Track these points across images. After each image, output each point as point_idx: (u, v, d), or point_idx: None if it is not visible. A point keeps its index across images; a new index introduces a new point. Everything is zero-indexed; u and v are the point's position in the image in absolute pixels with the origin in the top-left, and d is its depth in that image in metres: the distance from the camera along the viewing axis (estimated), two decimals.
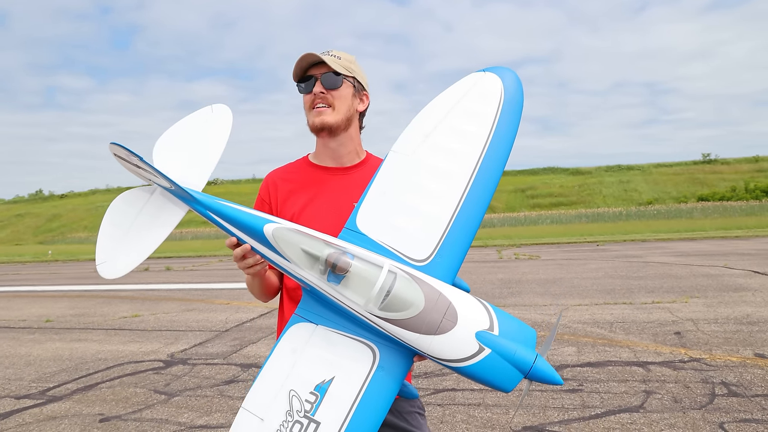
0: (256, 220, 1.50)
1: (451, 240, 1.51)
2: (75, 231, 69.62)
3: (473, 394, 4.59)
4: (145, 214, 1.62)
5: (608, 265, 13.53)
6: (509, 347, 1.37)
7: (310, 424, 1.34)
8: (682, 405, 4.11)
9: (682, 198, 62.20)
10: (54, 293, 13.41)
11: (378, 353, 1.42)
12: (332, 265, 1.41)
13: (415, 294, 1.38)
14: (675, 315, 7.17)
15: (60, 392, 5.26)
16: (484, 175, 1.57)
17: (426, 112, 1.65)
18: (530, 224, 50.60)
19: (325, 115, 1.77)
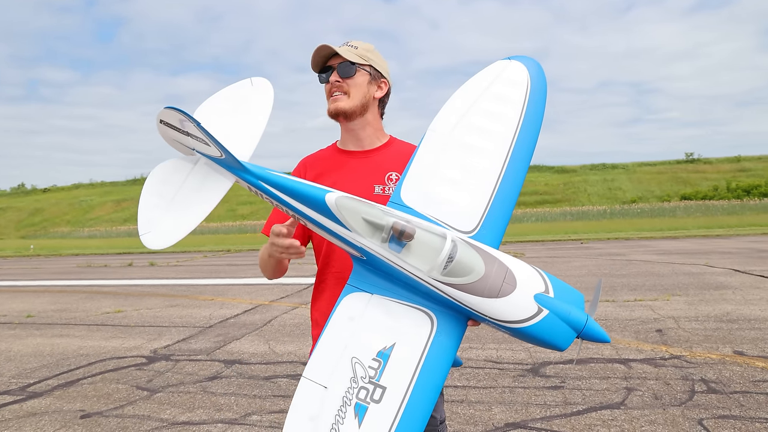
0: (316, 190, 1.54)
1: (494, 212, 1.58)
2: (57, 225, 68.79)
3: (456, 391, 4.62)
4: (189, 184, 1.62)
5: (592, 263, 13.66)
6: (564, 308, 1.43)
7: (376, 389, 1.36)
8: (662, 402, 4.17)
9: (665, 197, 62.87)
10: (35, 288, 13.24)
11: (435, 319, 1.46)
12: (399, 232, 1.45)
13: (475, 260, 1.43)
14: (657, 313, 7.26)
15: (41, 388, 5.20)
16: (518, 154, 1.65)
17: (459, 95, 1.74)
18: (515, 222, 50.84)
19: (340, 101, 1.86)
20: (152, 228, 1.59)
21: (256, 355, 6.07)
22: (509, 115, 1.69)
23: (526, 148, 1.67)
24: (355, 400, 1.35)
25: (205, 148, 1.57)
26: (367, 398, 1.35)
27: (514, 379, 4.86)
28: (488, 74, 1.76)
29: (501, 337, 6.24)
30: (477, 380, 4.87)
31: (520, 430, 3.79)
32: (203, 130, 1.48)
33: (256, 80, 1.78)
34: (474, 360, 5.46)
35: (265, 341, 6.67)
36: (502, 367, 5.18)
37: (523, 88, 1.72)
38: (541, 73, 1.76)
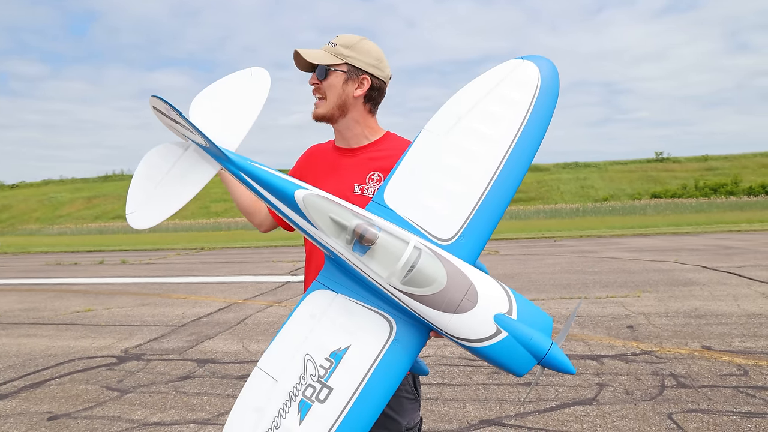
0: (288, 184, 1.53)
1: (476, 222, 1.53)
2: (26, 222, 67.19)
3: (431, 389, 4.63)
4: (177, 169, 1.63)
5: (565, 260, 13.84)
6: (526, 332, 1.38)
7: (323, 389, 1.36)
8: (633, 397, 4.24)
9: (636, 195, 64.03)
10: (2, 287, 12.88)
11: (395, 326, 1.44)
12: (359, 235, 1.42)
13: (438, 271, 1.39)
14: (628, 309, 7.39)
15: (6, 390, 5.07)
16: (514, 161, 1.58)
17: (461, 95, 1.67)
18: None
19: (318, 107, 1.89)
20: (137, 208, 1.61)
21: (230, 354, 6.00)
22: (511, 119, 1.61)
23: (525, 154, 1.60)
24: (300, 397, 1.36)
25: (192, 135, 1.58)
26: (312, 396, 1.36)
27: (489, 376, 4.89)
28: (496, 74, 1.68)
29: None
30: (451, 378, 4.89)
31: (494, 427, 3.82)
32: (185, 119, 1.49)
33: (255, 70, 1.78)
34: (449, 358, 5.49)
35: (238, 340, 6.60)
36: (477, 365, 5.20)
37: (531, 90, 1.63)
38: (554, 74, 1.67)
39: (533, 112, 1.62)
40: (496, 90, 1.66)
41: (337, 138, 2.00)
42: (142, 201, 1.62)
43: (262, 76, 1.77)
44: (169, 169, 1.64)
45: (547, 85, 1.64)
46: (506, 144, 1.59)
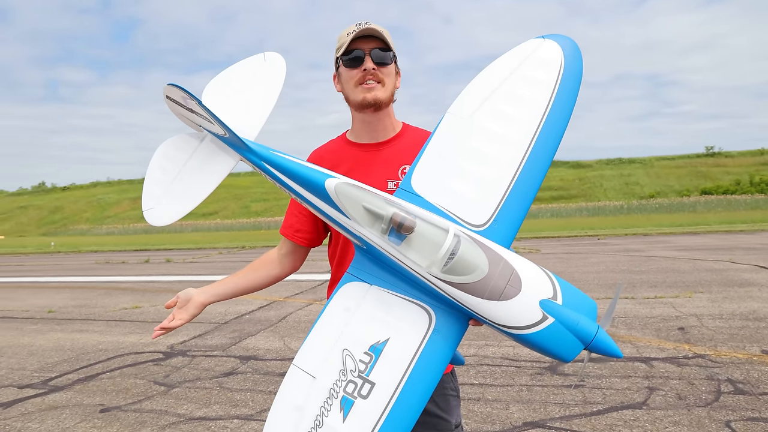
0: (317, 174, 1.47)
1: (509, 206, 1.48)
2: (77, 223, 69.78)
3: (473, 389, 4.56)
4: (194, 162, 1.57)
5: (609, 259, 13.49)
6: (572, 317, 1.34)
7: (365, 384, 1.31)
8: (686, 402, 4.08)
9: (684, 191, 62.00)
10: (56, 284, 13.40)
11: (434, 316, 1.39)
12: (398, 224, 1.37)
13: (479, 258, 1.35)
14: (678, 310, 7.13)
15: (61, 382, 5.25)
16: (543, 142, 1.53)
17: (484, 76, 1.62)
18: (530, 218, 50.41)
19: (377, 90, 1.73)
20: (155, 204, 1.55)
21: (272, 351, 6.07)
22: (536, 100, 1.56)
23: (553, 136, 1.54)
24: (342, 394, 1.31)
25: (210, 125, 1.53)
26: (354, 393, 1.31)
27: (532, 377, 4.79)
28: (518, 54, 1.63)
29: None
30: (494, 378, 4.81)
31: (538, 430, 3.73)
32: (204, 107, 1.44)
33: (269, 54, 1.71)
34: (491, 358, 5.40)
35: (279, 337, 6.67)
36: (520, 365, 5.11)
37: (555, 69, 1.58)
38: (577, 53, 1.61)
39: (559, 92, 1.56)
40: (519, 70, 1.60)
41: (362, 132, 1.85)
42: (160, 196, 1.56)
43: (276, 61, 1.70)
44: (186, 161, 1.58)
45: (570, 63, 1.59)
46: (534, 125, 1.54)
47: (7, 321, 8.63)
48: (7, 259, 23.73)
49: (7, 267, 19.55)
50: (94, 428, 4.12)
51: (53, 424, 4.21)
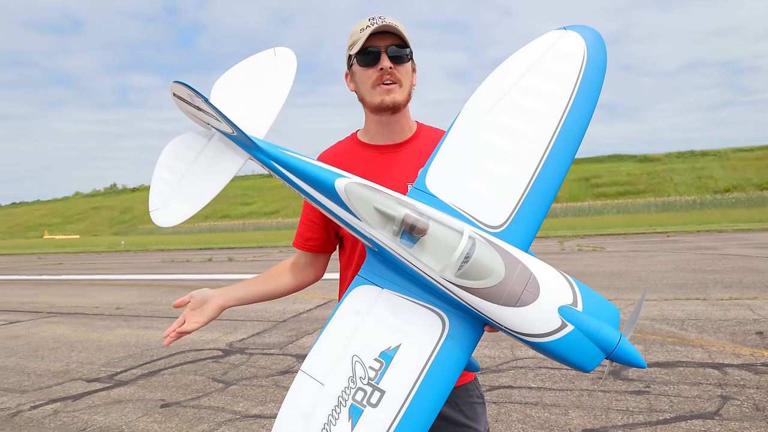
0: (327, 173, 1.42)
1: (527, 206, 1.42)
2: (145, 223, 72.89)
3: (530, 393, 4.41)
4: (202, 160, 1.54)
5: (680, 257, 12.82)
6: (593, 325, 1.28)
7: (375, 392, 1.27)
8: (765, 414, 3.78)
9: (764, 185, 58.40)
10: (125, 282, 14.04)
11: (447, 322, 1.34)
12: (410, 226, 1.32)
13: (495, 262, 1.29)
14: (756, 313, 6.66)
15: (126, 377, 5.46)
16: (564, 139, 1.46)
17: (502, 70, 1.55)
18: (595, 214, 48.82)
19: (396, 93, 1.64)
20: (162, 205, 1.52)
21: None
22: (558, 94, 1.49)
23: (575, 132, 1.47)
24: (350, 402, 1.26)
25: (217, 123, 1.49)
26: (363, 401, 1.26)
27: (593, 381, 4.58)
28: (538, 46, 1.55)
29: None
30: (553, 382, 4.64)
31: None
32: (211, 105, 1.40)
33: (279, 50, 1.66)
34: (550, 360, 5.21)
35: None
36: None
37: (577, 61, 1.50)
38: (600, 44, 1.54)
39: (581, 86, 1.48)
40: (539, 64, 1.52)
41: (377, 133, 1.75)
42: (168, 196, 1.52)
43: (286, 57, 1.64)
44: (194, 160, 1.54)
45: (593, 55, 1.51)
46: (555, 120, 1.46)
47: (78, 317, 9.08)
48: (81, 258, 25.09)
49: (81, 265, 20.65)
50: (154, 423, 4.24)
51: (117, 417, 4.37)
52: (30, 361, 6.30)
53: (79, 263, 21.79)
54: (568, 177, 63.27)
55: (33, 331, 8.02)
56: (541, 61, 1.53)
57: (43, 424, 4.34)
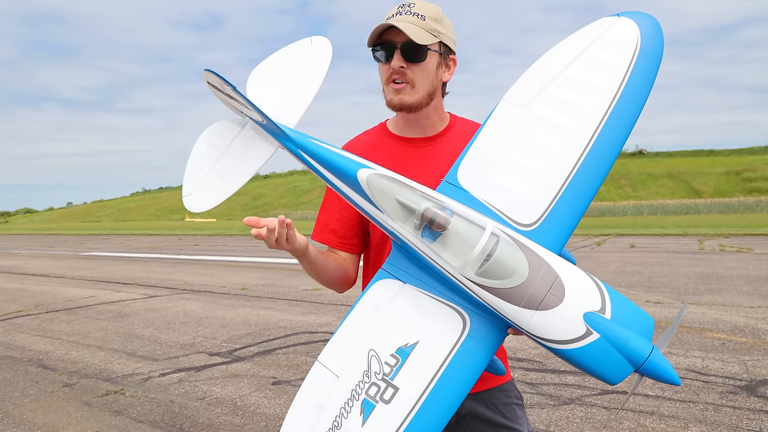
0: (350, 163, 1.41)
1: (563, 205, 1.35)
2: (275, 208, 77.27)
3: (646, 401, 4.07)
4: (234, 148, 1.56)
5: None
6: (621, 334, 1.20)
7: (388, 388, 1.25)
8: None
9: None
10: (251, 264, 14.98)
11: (469, 321, 1.30)
12: (429, 220, 1.29)
13: (518, 261, 1.24)
14: None
15: (244, 353, 5.82)
16: (608, 135, 1.38)
17: (546, 60, 1.47)
18: (745, 211, 44.05)
19: (404, 94, 1.57)
20: (194, 190, 1.54)
21: None
22: (604, 86, 1.39)
23: (621, 127, 1.37)
24: (363, 396, 1.25)
25: (249, 112, 1.49)
26: (376, 396, 1.25)
27: (722, 395, 4.13)
28: (587, 34, 1.45)
29: (710, 345, 5.39)
30: (674, 391, 4.24)
31: None
32: (239, 93, 1.41)
33: (315, 39, 1.64)
34: (674, 367, 4.79)
35: None
36: (708, 380, 4.45)
37: (629, 51, 1.40)
38: (657, 31, 1.43)
39: (631, 77, 1.39)
40: (586, 53, 1.43)
41: (406, 126, 1.70)
42: (200, 182, 1.54)
43: (322, 46, 1.62)
44: (226, 147, 1.56)
45: (648, 45, 1.42)
46: (599, 115, 1.38)
47: (207, 295, 9.84)
48: (215, 240, 27.13)
49: (214, 247, 22.36)
50: (264, 398, 4.48)
51: (232, 391, 4.67)
52: (163, 333, 6.93)
53: (213, 245, 23.60)
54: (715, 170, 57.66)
55: (168, 306, 8.82)
56: (588, 50, 1.44)
57: (169, 390, 4.76)
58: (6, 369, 5.56)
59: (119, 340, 6.63)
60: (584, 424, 3.74)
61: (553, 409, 4.04)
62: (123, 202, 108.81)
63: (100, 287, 11.26)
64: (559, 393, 4.35)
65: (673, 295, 8.32)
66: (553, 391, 4.41)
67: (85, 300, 9.66)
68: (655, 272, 10.63)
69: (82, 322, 7.75)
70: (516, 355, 5.35)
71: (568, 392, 4.37)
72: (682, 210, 42.81)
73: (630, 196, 53.57)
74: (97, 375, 5.27)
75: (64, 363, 5.71)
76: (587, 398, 4.21)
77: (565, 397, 4.27)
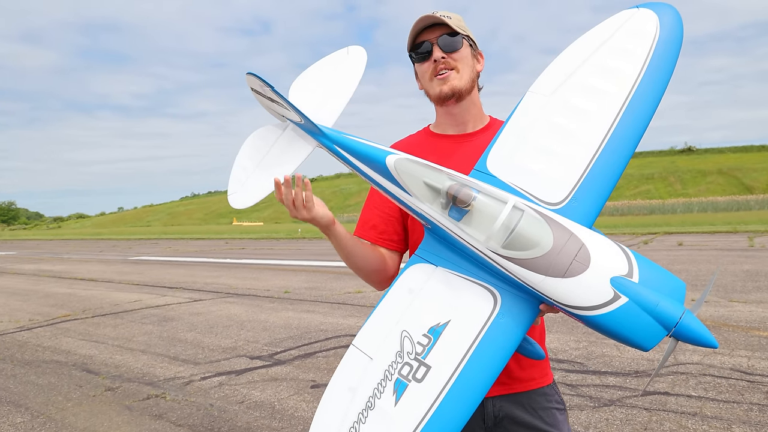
0: (378, 151, 1.49)
1: (589, 183, 1.39)
2: None
3: (689, 402, 3.95)
4: (276, 149, 1.67)
5: None
6: (651, 297, 1.20)
7: (420, 367, 1.28)
8: None
9: None
10: (295, 267, 15.19)
11: (500, 299, 1.33)
12: (453, 197, 1.35)
13: (542, 232, 1.27)
14: None
15: (284, 357, 5.93)
16: (630, 117, 1.43)
17: (570, 51, 1.54)
18: None
19: (453, 79, 1.66)
20: (238, 189, 1.63)
21: None
22: (626, 72, 1.44)
23: (644, 109, 1.42)
24: (396, 376, 1.28)
25: (288, 113, 1.58)
26: (409, 375, 1.27)
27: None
28: (608, 26, 1.51)
29: (756, 344, 5.17)
30: (717, 391, 4.11)
31: None
32: (278, 93, 1.49)
33: (352, 49, 1.75)
34: (717, 368, 4.63)
35: None
36: (754, 380, 4.28)
37: (649, 39, 1.45)
38: (676, 21, 1.48)
39: (651, 63, 1.44)
40: (608, 43, 1.49)
41: (448, 124, 1.77)
42: (243, 181, 1.64)
43: (358, 54, 1.73)
44: (269, 149, 1.66)
45: (667, 32, 1.47)
46: (621, 98, 1.43)
47: (251, 298, 10.05)
48: (261, 243, 27.54)
49: (260, 251, 22.77)
50: (303, 402, 4.56)
51: (271, 394, 4.77)
52: (206, 336, 7.12)
53: (259, 248, 24.04)
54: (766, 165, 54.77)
55: (212, 310, 9.05)
56: (609, 40, 1.50)
57: (209, 394, 4.89)
58: (51, 373, 5.79)
59: (162, 344, 6.84)
60: (624, 426, 3.66)
61: (593, 411, 3.96)
62: (172, 206, 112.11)
63: (146, 291, 11.64)
64: (599, 394, 4.26)
65: (720, 293, 8.01)
66: (593, 392, 4.32)
67: (131, 304, 10.00)
68: (702, 270, 10.31)
69: (127, 326, 8.03)
70: (557, 356, 5.27)
71: (609, 393, 4.27)
72: (733, 207, 41.14)
73: (680, 194, 51.69)
74: (139, 379, 5.45)
75: (108, 367, 5.93)
76: (627, 399, 4.12)
77: (605, 398, 4.18)
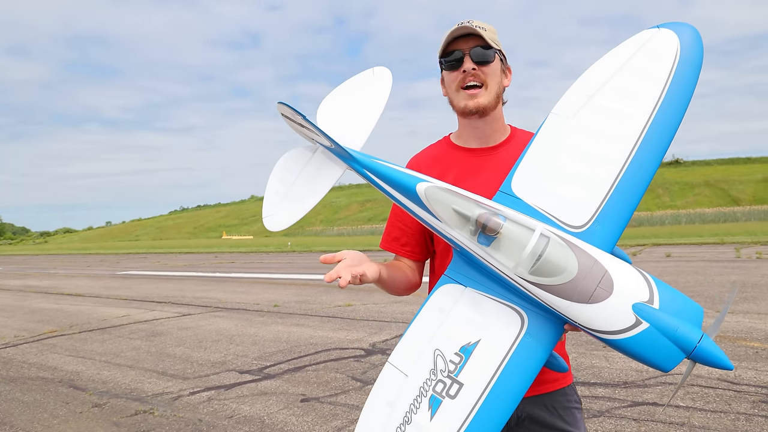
0: (409, 178, 1.53)
1: (611, 206, 1.43)
2: (312, 225, 77.83)
3: (677, 412, 3.97)
4: (307, 172, 1.71)
5: None
6: (670, 323, 1.27)
7: (453, 384, 1.35)
8: None
9: None
10: (285, 281, 15.11)
11: (527, 319, 1.39)
12: (482, 225, 1.39)
13: (568, 260, 1.32)
14: None
15: (274, 371, 5.88)
16: (652, 138, 1.45)
17: (591, 73, 1.56)
18: None
19: (480, 97, 1.67)
20: (273, 211, 1.69)
21: None
22: (646, 94, 1.46)
23: (665, 131, 1.44)
24: (431, 393, 1.35)
25: (319, 138, 1.62)
26: (443, 392, 1.34)
27: (755, 405, 3.99)
28: (629, 47, 1.53)
29: (743, 354, 5.22)
30: (705, 401, 4.13)
31: None
32: (308, 121, 1.54)
33: (377, 70, 1.78)
34: (704, 378, 4.65)
35: None
36: (740, 389, 4.31)
37: (669, 60, 1.47)
38: (696, 41, 1.49)
39: (672, 84, 1.45)
40: (628, 64, 1.51)
41: (470, 136, 1.78)
42: (277, 204, 1.70)
43: (383, 75, 1.76)
44: (300, 171, 1.71)
45: (688, 53, 1.48)
46: (642, 120, 1.45)
47: (240, 312, 9.98)
48: (251, 257, 27.45)
49: (250, 264, 22.64)
50: (293, 416, 4.52)
51: (260, 408, 4.73)
52: (195, 351, 7.05)
53: (249, 262, 23.89)
54: (753, 177, 55.31)
55: (200, 324, 8.97)
56: (629, 62, 1.52)
57: (198, 409, 4.84)
58: (37, 390, 5.70)
59: (151, 359, 6.77)
60: None
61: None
62: (161, 220, 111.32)
63: (134, 306, 11.54)
64: (588, 405, 4.28)
65: (708, 303, 8.09)
66: (582, 403, 4.33)
67: (119, 319, 9.90)
68: (690, 281, 10.38)
69: (115, 341, 7.95)
70: None
71: (598, 404, 4.29)
72: (720, 218, 41.60)
73: (667, 206, 52.20)
74: (127, 395, 5.39)
75: (95, 383, 5.85)
76: (617, 410, 4.13)
77: (595, 409, 4.20)
